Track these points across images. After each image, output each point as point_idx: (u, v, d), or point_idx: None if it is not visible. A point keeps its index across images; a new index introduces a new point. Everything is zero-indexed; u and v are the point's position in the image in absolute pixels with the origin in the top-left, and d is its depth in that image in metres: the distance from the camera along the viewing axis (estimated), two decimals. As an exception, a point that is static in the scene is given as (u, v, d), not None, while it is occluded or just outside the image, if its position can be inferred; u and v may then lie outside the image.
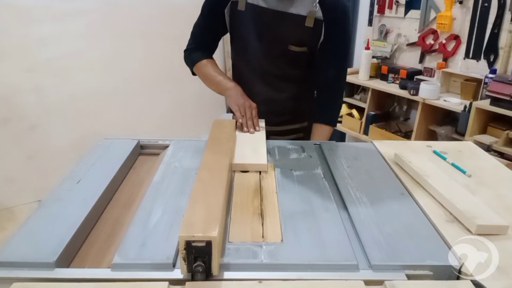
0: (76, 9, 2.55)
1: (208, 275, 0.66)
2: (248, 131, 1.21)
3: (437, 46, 2.62)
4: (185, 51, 1.40)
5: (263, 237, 0.76)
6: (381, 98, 2.86)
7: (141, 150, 1.21)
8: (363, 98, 2.94)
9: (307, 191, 0.93)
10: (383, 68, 2.83)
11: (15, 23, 2.40)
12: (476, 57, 2.44)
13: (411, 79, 2.68)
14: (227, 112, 1.40)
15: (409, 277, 0.68)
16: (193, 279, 0.66)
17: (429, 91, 2.46)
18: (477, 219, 0.79)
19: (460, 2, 2.44)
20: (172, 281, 0.65)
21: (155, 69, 2.80)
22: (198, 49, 1.37)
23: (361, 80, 2.85)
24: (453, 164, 1.08)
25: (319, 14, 1.21)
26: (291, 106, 1.37)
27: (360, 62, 2.84)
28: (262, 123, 1.27)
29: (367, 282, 0.66)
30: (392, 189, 0.96)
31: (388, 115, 2.94)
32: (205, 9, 1.33)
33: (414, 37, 2.74)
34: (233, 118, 1.25)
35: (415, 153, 1.10)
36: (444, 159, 1.12)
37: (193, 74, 1.41)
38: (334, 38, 1.25)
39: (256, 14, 1.23)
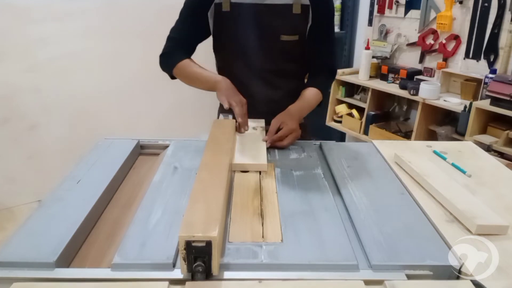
0: (76, 9, 2.55)
1: (208, 275, 0.66)
2: (241, 130, 1.18)
3: (437, 46, 2.62)
4: (161, 55, 1.35)
5: (263, 237, 0.76)
6: (381, 98, 2.86)
7: (141, 150, 1.21)
8: (363, 98, 2.94)
9: (307, 191, 0.93)
10: (383, 68, 2.83)
11: (15, 23, 2.41)
12: (476, 57, 2.44)
13: (411, 79, 2.68)
14: (219, 112, 1.38)
15: (409, 277, 0.68)
16: (193, 279, 0.66)
17: (429, 91, 2.46)
18: (477, 219, 0.79)
19: (460, 2, 2.44)
20: (172, 281, 0.65)
21: (155, 69, 2.76)
22: (177, 52, 1.33)
23: (361, 80, 2.85)
24: (453, 164, 1.08)
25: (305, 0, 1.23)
26: (289, 105, 1.36)
27: (360, 62, 2.84)
28: (262, 123, 1.27)
29: (367, 282, 0.66)
30: (392, 189, 0.96)
31: (388, 115, 2.94)
32: (184, 13, 1.31)
33: (414, 37, 2.74)
34: (224, 114, 1.23)
35: (415, 153, 1.10)
36: (444, 159, 1.12)
37: (172, 78, 1.36)
38: (322, 19, 1.27)
39: (243, 12, 1.23)
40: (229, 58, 1.33)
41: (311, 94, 1.33)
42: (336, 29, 3.05)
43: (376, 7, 2.91)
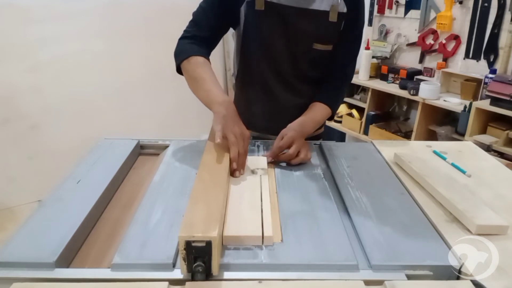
0: (76, 9, 2.55)
1: (208, 275, 0.66)
2: (235, 174, 0.95)
3: (437, 46, 2.62)
4: (181, 39, 1.19)
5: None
6: (381, 98, 2.87)
7: (141, 150, 1.20)
8: (363, 98, 2.94)
9: (307, 191, 0.93)
10: (383, 68, 2.84)
11: (15, 23, 2.41)
12: (476, 57, 2.44)
13: (411, 79, 2.68)
14: None
15: (409, 277, 0.68)
16: (193, 279, 0.66)
17: (429, 91, 2.47)
18: (477, 219, 0.79)
19: (460, 2, 2.44)
20: (172, 281, 0.65)
21: (156, 69, 2.80)
22: (199, 41, 1.18)
23: (361, 80, 2.85)
24: (453, 164, 1.08)
25: (342, 7, 1.15)
26: None
27: (360, 62, 2.84)
28: (263, 162, 1.02)
29: (367, 282, 0.66)
30: (392, 189, 0.96)
31: (388, 115, 2.94)
32: None
33: (414, 37, 2.74)
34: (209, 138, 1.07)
35: (415, 153, 1.10)
36: (444, 159, 1.12)
37: (178, 70, 1.19)
38: (355, 26, 1.20)
39: (277, 13, 1.15)
40: (254, 60, 1.23)
41: (318, 111, 1.22)
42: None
43: (376, 7, 2.91)
